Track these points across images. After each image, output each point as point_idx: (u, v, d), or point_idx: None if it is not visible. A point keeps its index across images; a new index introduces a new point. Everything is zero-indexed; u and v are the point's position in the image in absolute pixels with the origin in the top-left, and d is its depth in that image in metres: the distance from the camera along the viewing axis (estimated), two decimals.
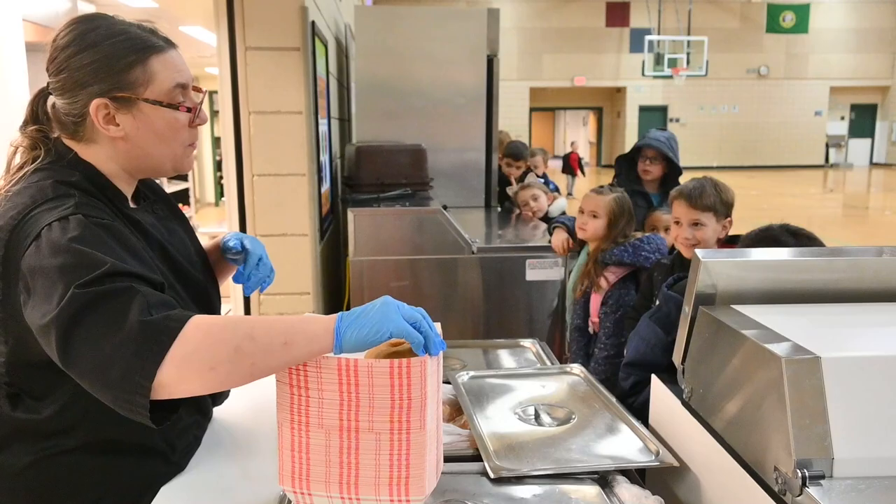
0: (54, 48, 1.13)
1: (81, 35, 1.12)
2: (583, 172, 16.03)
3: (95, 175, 1.14)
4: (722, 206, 2.20)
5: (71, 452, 1.13)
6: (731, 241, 2.08)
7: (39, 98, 1.18)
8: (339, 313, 0.97)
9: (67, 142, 1.16)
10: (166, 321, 0.92)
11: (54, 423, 1.11)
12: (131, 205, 1.21)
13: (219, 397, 1.43)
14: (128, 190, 1.21)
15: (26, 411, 1.12)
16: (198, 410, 1.33)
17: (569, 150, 16.21)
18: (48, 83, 1.15)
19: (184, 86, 1.17)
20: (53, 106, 1.15)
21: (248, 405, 1.48)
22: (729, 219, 2.22)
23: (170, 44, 1.18)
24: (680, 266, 2.29)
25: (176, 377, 0.91)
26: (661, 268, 2.38)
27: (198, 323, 0.93)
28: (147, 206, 1.26)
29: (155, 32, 1.17)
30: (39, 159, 1.14)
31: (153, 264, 1.12)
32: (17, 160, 1.16)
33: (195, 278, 1.26)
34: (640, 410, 1.49)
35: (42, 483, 1.13)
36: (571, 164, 15.51)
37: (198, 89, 1.22)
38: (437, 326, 1.00)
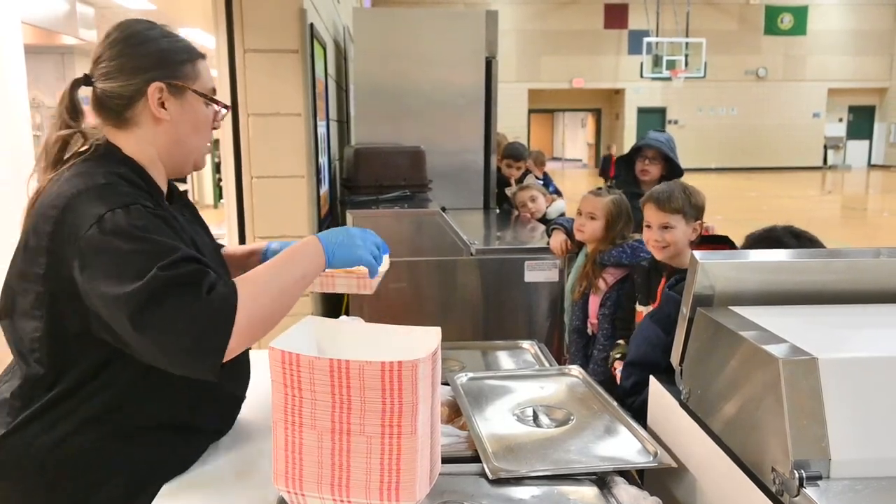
0: (110, 40, 1.24)
1: (141, 31, 1.26)
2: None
3: (139, 170, 1.25)
4: (691, 209, 2.24)
5: (92, 425, 1.18)
6: (717, 241, 2.09)
7: (75, 87, 1.26)
8: (319, 236, 1.26)
9: (109, 131, 1.26)
10: (228, 296, 1.08)
11: (76, 398, 1.18)
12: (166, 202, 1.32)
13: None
14: (163, 186, 1.32)
15: (48, 388, 1.18)
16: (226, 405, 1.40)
17: (607, 153, 16.03)
18: (89, 72, 1.25)
19: (214, 91, 1.34)
20: (99, 92, 1.24)
21: (249, 404, 1.49)
22: (699, 221, 2.27)
23: (204, 55, 1.34)
24: (655, 268, 2.32)
25: (245, 337, 1.09)
26: (640, 270, 2.41)
27: (245, 292, 1.10)
28: (177, 208, 1.36)
29: (193, 43, 1.34)
30: (87, 152, 1.23)
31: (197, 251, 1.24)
32: (53, 158, 1.26)
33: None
34: (639, 410, 1.49)
35: (64, 458, 1.17)
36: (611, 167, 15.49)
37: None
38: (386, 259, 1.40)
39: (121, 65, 1.22)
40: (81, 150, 1.24)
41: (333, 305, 3.50)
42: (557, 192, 4.28)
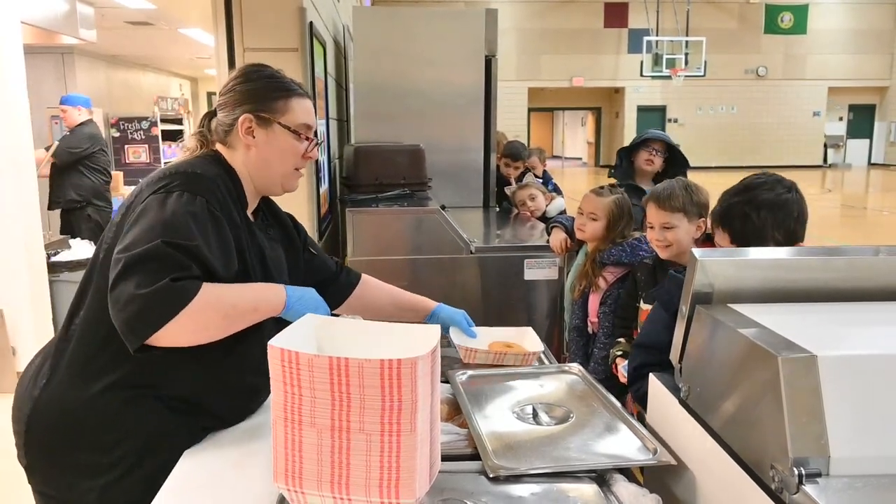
0: (228, 80, 1.52)
1: (249, 73, 1.51)
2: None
3: (235, 179, 1.46)
4: (693, 207, 2.22)
5: (117, 390, 1.33)
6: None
7: (206, 117, 1.54)
8: (286, 288, 1.37)
9: (221, 148, 1.50)
10: (186, 290, 1.20)
11: (106, 366, 1.33)
12: (250, 216, 1.50)
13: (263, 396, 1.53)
14: (252, 202, 1.52)
15: (83, 352, 1.34)
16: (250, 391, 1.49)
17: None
18: (218, 102, 1.52)
19: (308, 126, 1.53)
20: (217, 119, 1.50)
21: None
22: (703, 219, 2.24)
23: (307, 94, 1.56)
24: (660, 267, 2.31)
25: (174, 334, 1.20)
26: (643, 268, 2.40)
27: (201, 294, 1.21)
28: (261, 224, 1.56)
29: (301, 85, 1.56)
30: (204, 151, 1.51)
31: (241, 260, 1.38)
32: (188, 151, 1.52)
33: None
34: (645, 398, 1.47)
35: (91, 414, 1.32)
36: None
37: (315, 135, 1.58)
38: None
39: (227, 99, 1.49)
40: (202, 149, 1.52)
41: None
42: (557, 190, 4.28)
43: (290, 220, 1.71)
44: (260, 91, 1.49)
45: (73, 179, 5.40)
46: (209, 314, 1.23)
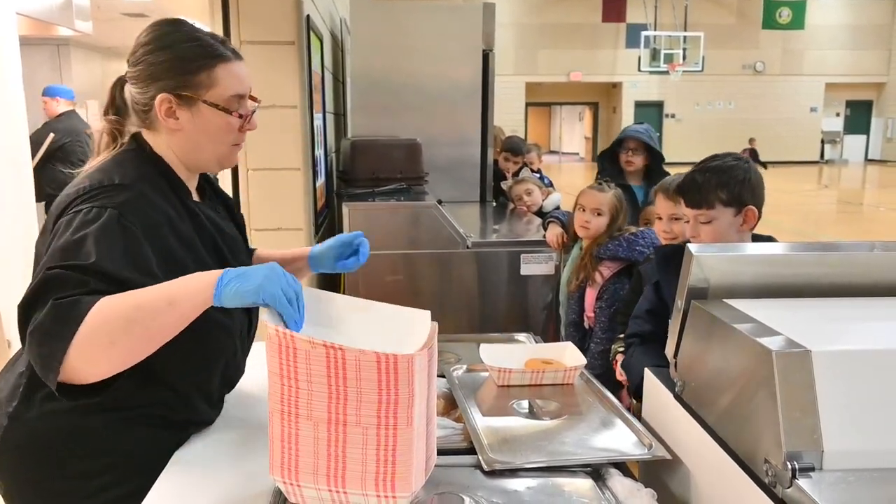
0: (137, 44, 1.27)
1: (161, 35, 1.26)
2: (759, 162, 15.84)
3: (166, 169, 1.28)
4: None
5: (95, 411, 1.20)
6: None
7: (117, 85, 1.31)
8: (226, 269, 1.08)
9: (142, 129, 1.29)
10: (75, 305, 1.02)
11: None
12: (195, 198, 1.34)
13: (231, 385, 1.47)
14: (191, 184, 1.34)
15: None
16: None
17: (747, 146, 15.81)
18: (127, 72, 1.29)
19: (241, 95, 1.30)
20: (129, 93, 1.29)
21: (245, 396, 1.49)
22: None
23: (237, 55, 1.31)
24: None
25: (83, 358, 1.03)
26: (648, 262, 2.41)
27: (96, 306, 1.03)
28: (209, 204, 1.40)
29: (225, 43, 1.30)
30: (122, 145, 1.29)
31: (185, 251, 1.23)
32: (103, 145, 1.32)
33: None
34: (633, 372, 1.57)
35: (70, 437, 1.21)
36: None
37: (254, 98, 1.34)
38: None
39: (139, 72, 1.26)
40: (118, 143, 1.30)
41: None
42: (551, 186, 4.29)
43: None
44: (176, 63, 1.24)
45: (46, 173, 5.35)
46: (112, 323, 1.03)
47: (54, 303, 1.02)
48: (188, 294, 1.07)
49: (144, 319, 1.05)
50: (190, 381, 1.30)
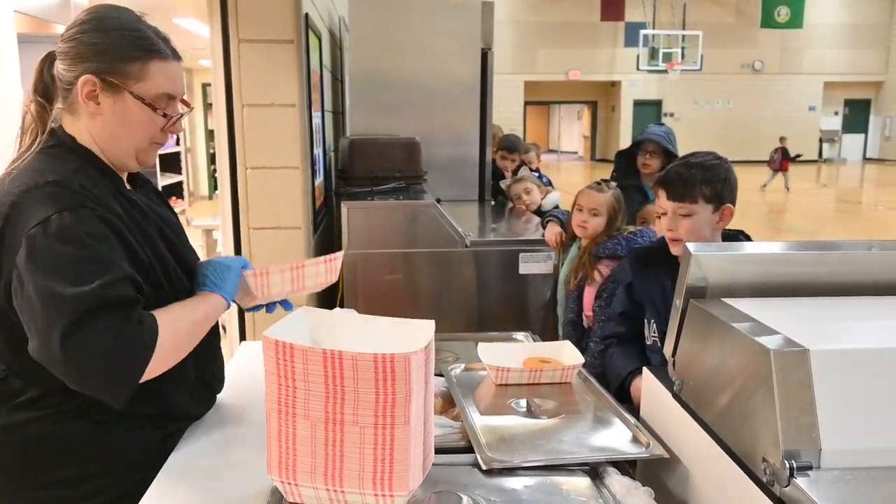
0: (74, 20, 1.23)
1: (101, 18, 1.22)
2: (790, 159, 15.72)
3: (93, 159, 1.24)
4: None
5: (73, 416, 1.20)
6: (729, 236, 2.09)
7: (46, 61, 1.26)
8: (221, 291, 1.31)
9: (63, 114, 1.25)
10: (149, 332, 1.11)
11: (53, 397, 1.19)
12: (128, 187, 1.31)
13: (220, 385, 1.48)
14: (122, 174, 1.31)
15: (23, 390, 1.20)
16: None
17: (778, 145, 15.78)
18: (57, 47, 1.24)
19: (171, 96, 1.27)
20: (56, 68, 1.23)
21: (241, 396, 1.49)
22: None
23: (176, 55, 1.29)
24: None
25: (155, 370, 1.12)
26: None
27: (165, 329, 1.13)
28: (143, 192, 1.37)
29: (167, 41, 1.28)
30: (42, 142, 1.23)
31: (144, 246, 1.23)
32: (27, 125, 1.26)
33: (186, 256, 1.37)
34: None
35: (48, 446, 1.20)
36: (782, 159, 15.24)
37: (185, 103, 1.33)
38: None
39: (69, 48, 1.21)
40: (38, 138, 1.23)
41: (327, 298, 3.50)
42: (550, 186, 4.28)
43: None
44: (111, 47, 1.20)
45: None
46: (178, 343, 1.18)
47: (137, 327, 1.09)
48: (211, 306, 1.29)
49: (198, 333, 1.25)
50: (174, 379, 1.25)
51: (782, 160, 15.31)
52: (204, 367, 1.39)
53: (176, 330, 1.17)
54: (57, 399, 1.19)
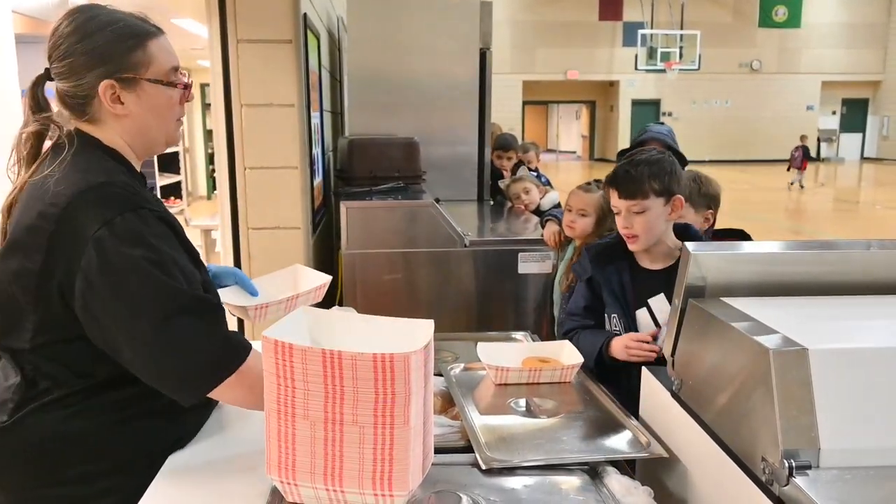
0: (57, 36, 1.21)
1: (83, 23, 1.21)
2: (810, 158, 15.75)
3: (122, 160, 1.25)
4: (701, 199, 2.24)
5: (88, 414, 1.20)
6: (731, 235, 2.09)
7: (38, 84, 1.26)
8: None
9: (81, 124, 1.24)
10: (241, 346, 1.17)
11: (73, 395, 1.20)
12: None
13: None
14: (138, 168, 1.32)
15: (45, 387, 1.20)
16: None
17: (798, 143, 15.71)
18: (48, 69, 1.23)
19: (176, 68, 1.29)
20: (59, 90, 1.23)
21: None
22: (711, 210, 2.26)
23: (160, 30, 1.29)
24: None
25: (235, 387, 1.15)
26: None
27: (256, 353, 1.15)
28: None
29: (146, 20, 1.28)
30: (71, 144, 1.20)
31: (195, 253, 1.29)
32: (26, 150, 1.25)
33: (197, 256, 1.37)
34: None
35: (64, 443, 1.20)
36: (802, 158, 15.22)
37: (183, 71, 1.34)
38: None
39: (70, 65, 1.20)
40: (59, 141, 1.22)
41: (326, 298, 3.50)
42: (548, 185, 4.28)
43: None
44: (109, 46, 1.21)
45: None
46: (259, 380, 1.07)
47: (229, 333, 1.17)
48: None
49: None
50: None
51: (803, 159, 15.32)
52: None
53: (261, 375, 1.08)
54: (79, 398, 1.20)
